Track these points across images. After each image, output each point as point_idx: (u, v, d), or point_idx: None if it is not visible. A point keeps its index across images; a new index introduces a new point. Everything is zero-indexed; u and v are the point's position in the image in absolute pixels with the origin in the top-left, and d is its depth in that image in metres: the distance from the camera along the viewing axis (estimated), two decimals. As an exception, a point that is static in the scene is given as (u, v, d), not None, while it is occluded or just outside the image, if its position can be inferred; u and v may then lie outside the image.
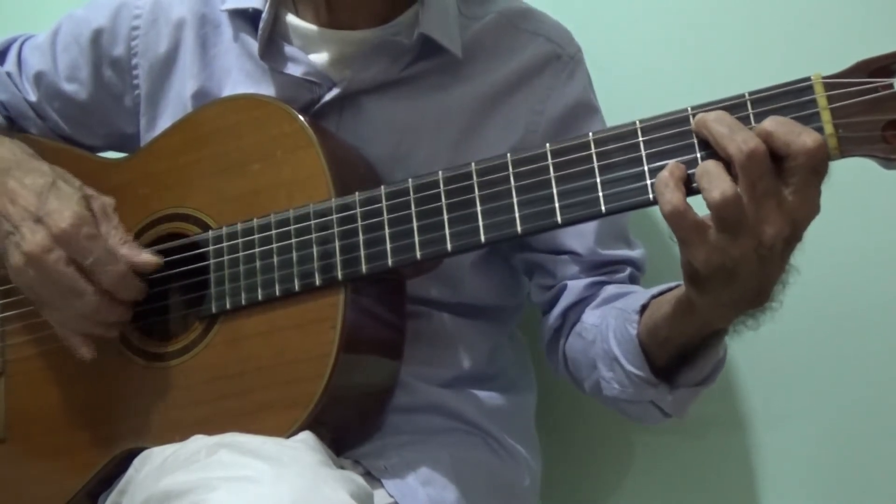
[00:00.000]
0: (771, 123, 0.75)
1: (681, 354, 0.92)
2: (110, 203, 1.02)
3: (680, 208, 0.76)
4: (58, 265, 0.96)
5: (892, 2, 1.14)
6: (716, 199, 0.74)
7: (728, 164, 0.76)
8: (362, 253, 0.92)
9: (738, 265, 0.76)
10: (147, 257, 1.00)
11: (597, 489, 1.31)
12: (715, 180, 0.75)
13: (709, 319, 0.86)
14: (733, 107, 0.78)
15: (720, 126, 0.76)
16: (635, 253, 1.11)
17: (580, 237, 1.08)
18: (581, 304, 1.08)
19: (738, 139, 0.74)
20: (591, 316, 1.05)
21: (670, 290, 0.93)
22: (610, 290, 1.07)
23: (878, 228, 1.15)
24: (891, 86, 0.74)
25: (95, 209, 1.00)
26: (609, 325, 0.99)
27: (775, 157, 0.74)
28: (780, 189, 0.74)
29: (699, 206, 0.77)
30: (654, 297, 0.95)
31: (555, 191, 0.85)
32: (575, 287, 1.08)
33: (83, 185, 1.02)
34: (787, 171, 0.74)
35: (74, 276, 0.96)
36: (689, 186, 0.78)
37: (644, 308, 0.95)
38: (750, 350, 1.16)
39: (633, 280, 1.10)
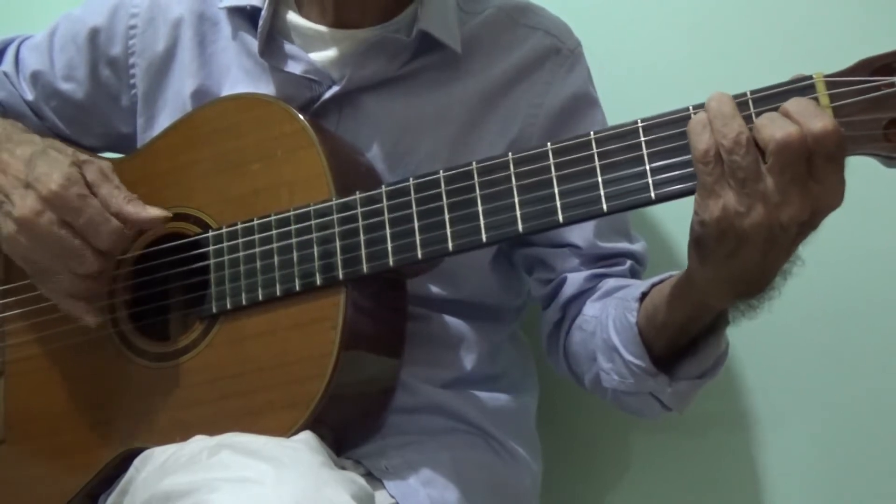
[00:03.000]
0: (792, 104, 0.74)
1: (680, 343, 0.92)
2: (107, 165, 1.00)
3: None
4: (51, 227, 0.95)
5: (892, 1, 1.14)
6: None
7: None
8: (363, 252, 0.92)
9: (748, 238, 0.76)
10: (154, 211, 0.99)
11: (597, 489, 1.31)
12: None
13: (706, 297, 0.85)
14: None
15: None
16: (636, 246, 1.11)
17: (580, 230, 1.07)
18: (581, 296, 1.08)
19: (776, 126, 0.74)
20: (591, 308, 1.05)
21: (671, 276, 0.93)
22: (610, 283, 1.06)
23: (880, 227, 1.16)
24: (892, 84, 0.74)
25: (91, 173, 0.98)
26: (609, 314, 0.99)
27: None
28: (807, 175, 0.74)
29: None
30: (654, 284, 0.95)
31: (556, 190, 0.84)
32: (575, 280, 1.08)
33: (77, 151, 1.01)
34: (809, 158, 0.74)
35: (69, 237, 0.95)
36: None
37: (644, 296, 0.95)
38: (750, 349, 1.17)
39: (633, 273, 1.10)
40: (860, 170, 0.77)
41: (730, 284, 0.82)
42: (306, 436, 0.89)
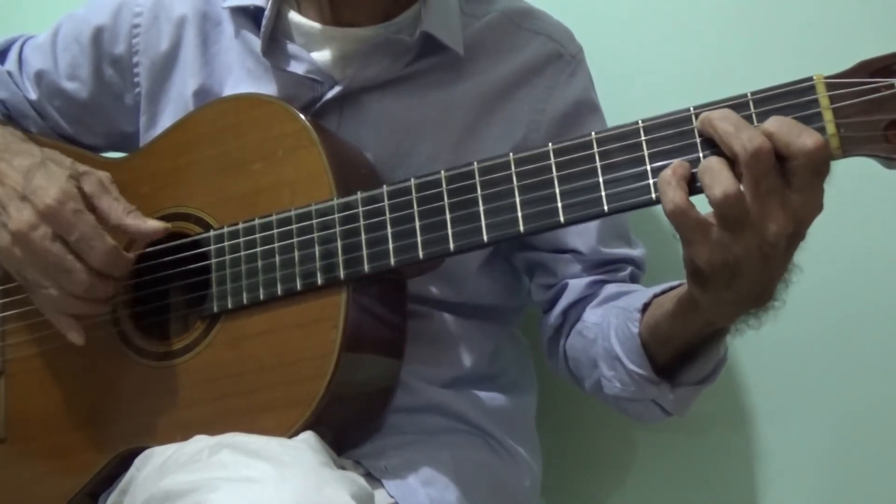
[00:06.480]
0: (773, 124, 0.75)
1: (683, 353, 0.93)
2: (106, 176, 1.00)
3: (682, 206, 0.76)
4: (44, 242, 0.95)
5: (893, 2, 1.14)
6: (718, 196, 0.74)
7: (731, 162, 0.76)
8: (364, 252, 0.92)
9: (741, 263, 0.76)
10: (154, 224, 0.99)
11: (596, 489, 1.31)
12: (717, 177, 0.75)
13: (711, 318, 0.86)
14: (735, 106, 0.78)
15: (725, 124, 0.76)
16: (636, 252, 1.12)
17: (583, 236, 1.08)
18: (582, 302, 1.08)
19: (744, 137, 0.74)
20: (592, 314, 1.05)
21: (672, 288, 0.94)
22: (611, 288, 1.07)
23: (880, 227, 1.16)
24: (892, 86, 0.74)
25: (90, 185, 0.98)
26: (610, 323, 0.99)
27: (778, 157, 0.74)
28: (784, 187, 0.74)
29: (703, 205, 0.77)
30: (656, 295, 0.95)
31: (557, 190, 0.85)
32: (576, 286, 1.08)
33: (75, 162, 1.01)
34: (790, 170, 0.74)
35: (61, 253, 0.95)
36: (692, 185, 0.78)
37: (646, 306, 0.95)
38: (751, 348, 1.17)
39: (633, 279, 1.11)
40: (860, 170, 0.77)
41: (735, 305, 0.83)
42: (307, 435, 0.89)
